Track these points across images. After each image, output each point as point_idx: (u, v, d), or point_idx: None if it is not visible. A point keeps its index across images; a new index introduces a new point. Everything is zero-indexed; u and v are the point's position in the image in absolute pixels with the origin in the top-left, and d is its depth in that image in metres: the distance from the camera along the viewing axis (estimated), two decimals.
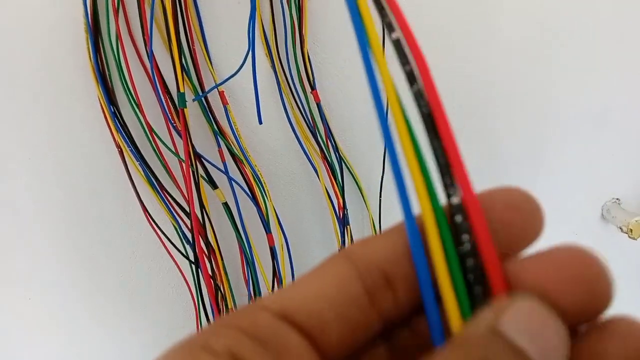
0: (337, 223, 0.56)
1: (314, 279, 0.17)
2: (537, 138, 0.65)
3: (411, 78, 0.17)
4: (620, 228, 0.72)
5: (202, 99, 0.48)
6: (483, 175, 0.64)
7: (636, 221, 0.71)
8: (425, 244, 0.17)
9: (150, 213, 0.51)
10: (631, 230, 0.71)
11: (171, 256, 0.52)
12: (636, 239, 0.72)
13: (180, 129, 0.47)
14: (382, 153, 0.57)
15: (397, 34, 0.18)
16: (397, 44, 0.17)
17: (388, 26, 0.18)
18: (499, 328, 0.14)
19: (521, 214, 0.17)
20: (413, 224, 0.17)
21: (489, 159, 0.64)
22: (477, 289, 0.16)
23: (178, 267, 0.53)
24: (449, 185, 0.17)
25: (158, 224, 0.51)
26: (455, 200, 0.17)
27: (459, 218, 0.17)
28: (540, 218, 0.17)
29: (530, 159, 0.66)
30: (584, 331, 0.16)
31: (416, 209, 0.17)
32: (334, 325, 0.16)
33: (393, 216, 0.58)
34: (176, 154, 0.49)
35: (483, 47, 0.57)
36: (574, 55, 0.61)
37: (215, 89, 0.49)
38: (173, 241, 0.52)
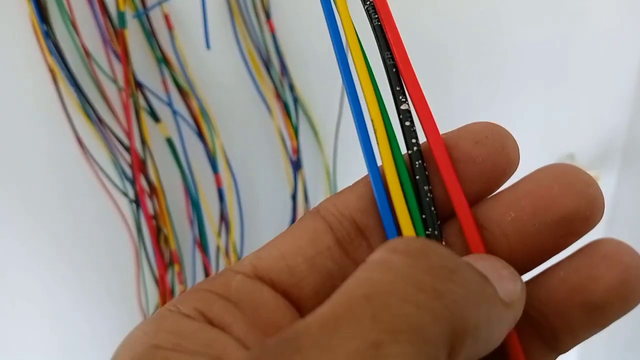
0: (290, 166, 0.53)
1: (287, 237, 0.17)
2: (492, 90, 0.63)
3: None
4: None
5: (146, 21, 0.43)
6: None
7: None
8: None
9: (86, 146, 0.47)
10: None
11: (109, 194, 0.48)
12: None
13: (119, 52, 0.42)
14: (339, 95, 0.53)
15: None
16: None
17: None
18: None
19: (491, 148, 0.17)
20: (374, 163, 0.17)
21: (443, 107, 0.61)
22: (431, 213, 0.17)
23: (117, 206, 0.48)
24: (398, 93, 0.17)
25: (95, 158, 0.47)
26: (404, 106, 0.17)
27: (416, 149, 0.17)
28: (513, 149, 0.17)
29: (484, 112, 0.64)
30: (569, 259, 0.16)
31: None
32: (308, 278, 0.17)
33: (348, 160, 0.55)
34: (115, 81, 0.44)
35: None
36: (535, 7, 0.59)
37: (161, 12, 0.44)
38: (111, 178, 0.48)
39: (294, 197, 0.54)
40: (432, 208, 0.17)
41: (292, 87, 0.51)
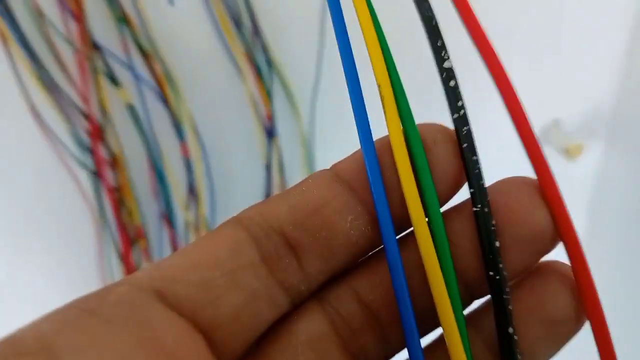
0: (263, 134, 0.51)
1: (201, 246, 0.15)
2: (475, 56, 0.61)
3: None
4: (559, 150, 0.72)
5: None
6: (420, 98, 0.60)
7: (575, 143, 0.70)
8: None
9: (40, 114, 0.46)
10: (568, 151, 0.71)
11: (67, 166, 0.47)
12: (574, 161, 0.72)
13: (74, 11, 0.40)
14: (316, 56, 0.51)
15: None
16: None
17: None
18: None
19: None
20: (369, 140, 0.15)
21: (426, 75, 0.59)
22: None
23: (75, 178, 0.47)
24: (439, 49, 0.15)
25: (50, 126, 0.46)
26: (447, 64, 0.16)
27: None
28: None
29: (468, 78, 0.62)
30: (519, 281, 0.16)
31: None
32: (227, 295, 0.14)
33: (326, 128, 0.53)
34: (70, 42, 0.43)
35: None
36: None
37: None
38: (69, 148, 0.46)
39: (268, 168, 0.52)
40: (481, 182, 0.15)
41: (265, 48, 0.50)
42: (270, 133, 0.52)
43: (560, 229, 0.15)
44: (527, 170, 0.16)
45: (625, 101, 0.72)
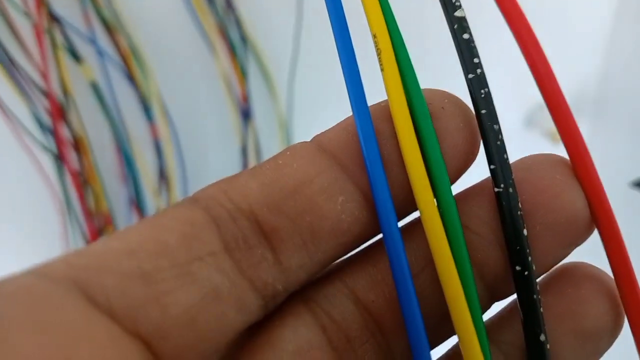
0: (238, 115, 0.49)
1: (144, 228, 0.12)
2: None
3: None
4: (545, 134, 0.71)
5: None
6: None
7: None
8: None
9: None
10: (554, 135, 0.70)
11: (27, 148, 0.45)
12: (560, 144, 0.72)
13: None
14: (294, 31, 0.49)
15: None
16: None
17: None
18: None
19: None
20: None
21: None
22: None
23: (37, 162, 0.45)
24: None
25: (7, 106, 0.43)
26: (459, 13, 0.13)
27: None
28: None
29: (450, 60, 0.61)
30: (545, 283, 0.15)
31: None
32: (178, 293, 0.10)
33: (305, 108, 0.52)
34: (27, 14, 0.41)
35: None
36: None
37: None
38: (30, 131, 0.44)
39: (244, 151, 0.51)
40: (505, 156, 0.13)
41: (238, 22, 0.48)
42: (245, 114, 0.50)
43: (597, 213, 0.13)
44: (545, 148, 0.15)
45: (609, 83, 0.72)
